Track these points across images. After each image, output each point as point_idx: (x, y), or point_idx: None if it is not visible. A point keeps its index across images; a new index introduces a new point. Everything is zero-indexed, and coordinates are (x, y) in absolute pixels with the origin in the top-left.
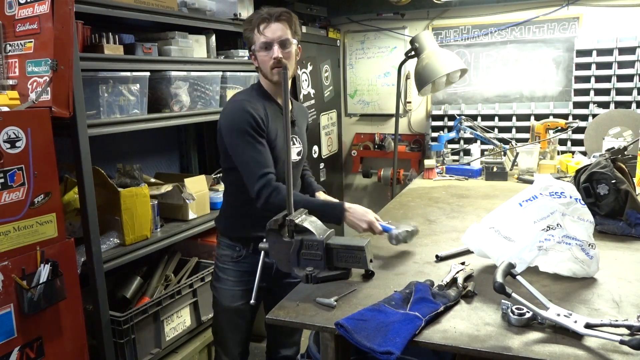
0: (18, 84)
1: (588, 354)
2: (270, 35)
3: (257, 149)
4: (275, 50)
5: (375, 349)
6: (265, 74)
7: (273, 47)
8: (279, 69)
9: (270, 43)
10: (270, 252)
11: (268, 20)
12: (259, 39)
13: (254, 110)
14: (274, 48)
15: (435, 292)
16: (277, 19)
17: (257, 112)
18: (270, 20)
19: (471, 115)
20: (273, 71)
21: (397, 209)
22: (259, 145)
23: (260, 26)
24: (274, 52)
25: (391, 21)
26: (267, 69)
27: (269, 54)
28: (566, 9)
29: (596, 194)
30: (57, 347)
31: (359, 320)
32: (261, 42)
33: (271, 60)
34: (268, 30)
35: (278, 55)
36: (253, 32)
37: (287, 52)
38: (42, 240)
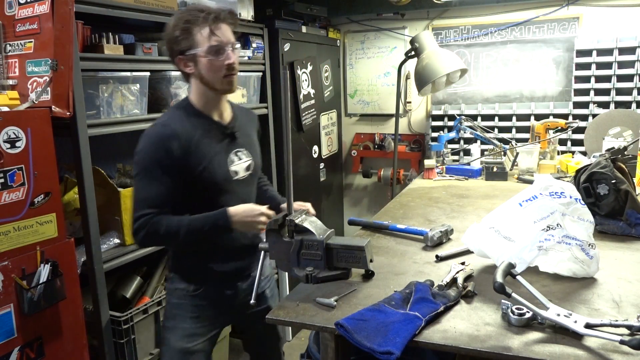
0: (18, 84)
1: (588, 354)
2: (223, 39)
3: (154, 186)
4: (231, 55)
5: (375, 349)
6: (212, 82)
7: (227, 51)
8: (231, 78)
9: (222, 47)
10: (270, 252)
11: (218, 20)
12: (206, 41)
13: (170, 138)
14: (228, 52)
15: (435, 292)
16: (225, 20)
17: (175, 139)
18: (220, 20)
19: (471, 115)
20: (226, 79)
21: (397, 209)
22: (158, 183)
23: (211, 26)
24: (230, 57)
25: (391, 21)
26: (215, 77)
27: (221, 59)
28: (566, 9)
29: (596, 194)
30: (57, 347)
31: (359, 320)
32: (211, 45)
33: (223, 67)
34: (219, 31)
35: (235, 60)
36: (192, 33)
37: (237, 58)
38: (42, 240)
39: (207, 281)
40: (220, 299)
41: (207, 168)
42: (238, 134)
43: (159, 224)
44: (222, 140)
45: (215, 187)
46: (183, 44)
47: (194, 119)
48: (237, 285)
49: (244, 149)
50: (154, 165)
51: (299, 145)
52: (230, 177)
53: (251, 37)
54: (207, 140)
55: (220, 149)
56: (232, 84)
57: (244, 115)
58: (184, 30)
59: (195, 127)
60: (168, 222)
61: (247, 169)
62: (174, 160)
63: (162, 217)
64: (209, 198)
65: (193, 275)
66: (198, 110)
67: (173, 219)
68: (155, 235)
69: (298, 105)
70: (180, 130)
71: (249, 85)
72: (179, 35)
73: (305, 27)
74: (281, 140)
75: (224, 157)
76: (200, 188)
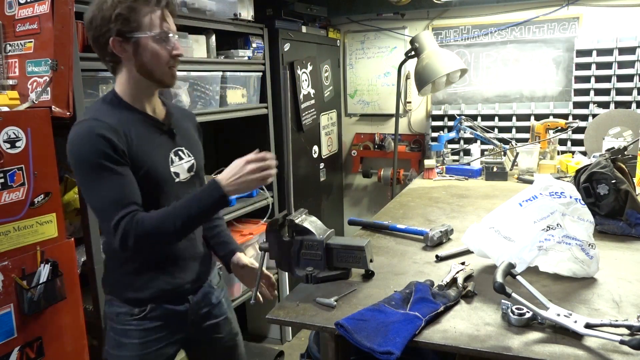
0: (18, 84)
1: (588, 354)
2: (171, 26)
3: (114, 182)
4: (178, 45)
5: (375, 349)
6: (154, 72)
7: (172, 40)
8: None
9: (168, 34)
10: (271, 252)
11: (168, 6)
12: (156, 26)
13: (107, 130)
14: (174, 41)
15: (435, 292)
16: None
17: (112, 132)
18: (169, 7)
19: (471, 115)
20: (171, 70)
21: (397, 209)
22: (116, 177)
23: (164, 11)
24: (177, 47)
25: (391, 21)
26: (159, 66)
27: (166, 47)
28: (566, 9)
29: (596, 194)
30: (57, 347)
31: (359, 320)
32: (158, 30)
33: (169, 56)
34: (169, 18)
35: (180, 50)
36: (140, 13)
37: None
38: (42, 240)
39: (153, 300)
40: (171, 317)
41: (151, 168)
42: (177, 132)
43: (143, 222)
44: (161, 138)
45: (157, 188)
46: (124, 24)
47: (125, 113)
48: (188, 299)
49: (183, 147)
50: (100, 160)
51: (299, 145)
52: (171, 178)
53: (251, 37)
54: (144, 138)
55: (159, 148)
56: (175, 76)
57: (180, 113)
58: (130, 8)
59: (130, 122)
60: (152, 216)
61: (189, 170)
62: (119, 151)
63: (143, 214)
64: (148, 202)
65: (135, 296)
66: (127, 104)
67: (155, 212)
68: (146, 236)
69: (298, 105)
70: (115, 123)
71: (249, 85)
72: (122, 13)
73: (305, 27)
74: (281, 140)
75: (164, 158)
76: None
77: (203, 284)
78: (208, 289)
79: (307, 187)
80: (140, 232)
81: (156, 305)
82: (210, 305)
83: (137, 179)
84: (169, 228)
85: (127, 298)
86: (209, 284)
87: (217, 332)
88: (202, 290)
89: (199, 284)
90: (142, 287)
